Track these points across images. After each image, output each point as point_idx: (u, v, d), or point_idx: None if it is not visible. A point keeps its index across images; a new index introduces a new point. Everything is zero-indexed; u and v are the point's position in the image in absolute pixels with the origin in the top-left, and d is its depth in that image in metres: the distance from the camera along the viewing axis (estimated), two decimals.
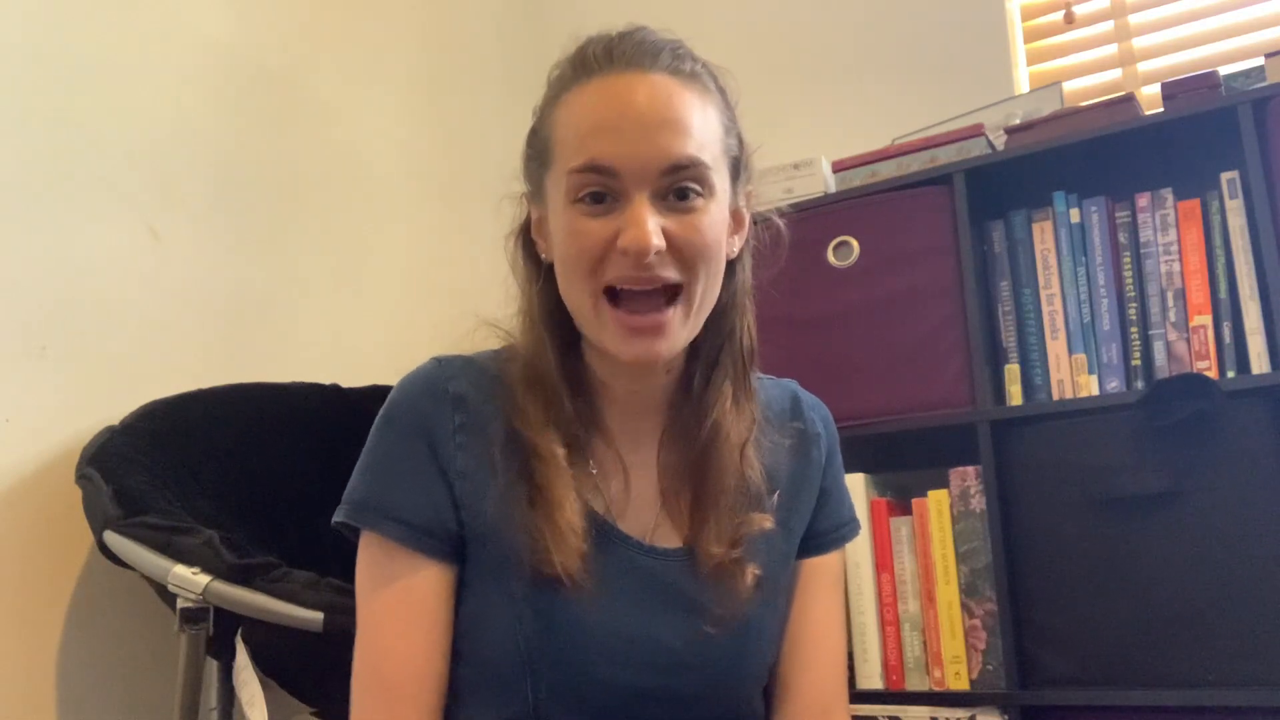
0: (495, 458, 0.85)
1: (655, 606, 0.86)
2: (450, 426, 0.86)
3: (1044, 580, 1.38)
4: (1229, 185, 1.38)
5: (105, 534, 1.29)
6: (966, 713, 1.39)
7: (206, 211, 1.67)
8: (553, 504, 0.82)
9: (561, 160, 0.83)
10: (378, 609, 0.84)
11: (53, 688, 1.37)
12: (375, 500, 0.85)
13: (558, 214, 0.84)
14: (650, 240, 0.79)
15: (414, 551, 0.84)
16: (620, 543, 0.87)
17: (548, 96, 0.88)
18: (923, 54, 2.04)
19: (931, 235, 1.53)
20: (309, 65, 1.89)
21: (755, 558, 0.88)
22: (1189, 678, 1.27)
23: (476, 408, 0.87)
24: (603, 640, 0.83)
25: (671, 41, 0.87)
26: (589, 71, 0.84)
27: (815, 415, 1.00)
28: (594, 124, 0.82)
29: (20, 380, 1.38)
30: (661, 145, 0.81)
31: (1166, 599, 1.30)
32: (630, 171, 0.80)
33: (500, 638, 0.83)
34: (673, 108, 0.82)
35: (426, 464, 0.85)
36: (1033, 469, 1.41)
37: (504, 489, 0.85)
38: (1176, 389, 1.31)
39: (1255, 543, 1.26)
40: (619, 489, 0.89)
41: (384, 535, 0.85)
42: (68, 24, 1.51)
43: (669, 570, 0.87)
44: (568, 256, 0.83)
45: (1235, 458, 1.28)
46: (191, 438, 1.43)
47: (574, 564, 0.81)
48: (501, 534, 0.84)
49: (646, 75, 0.83)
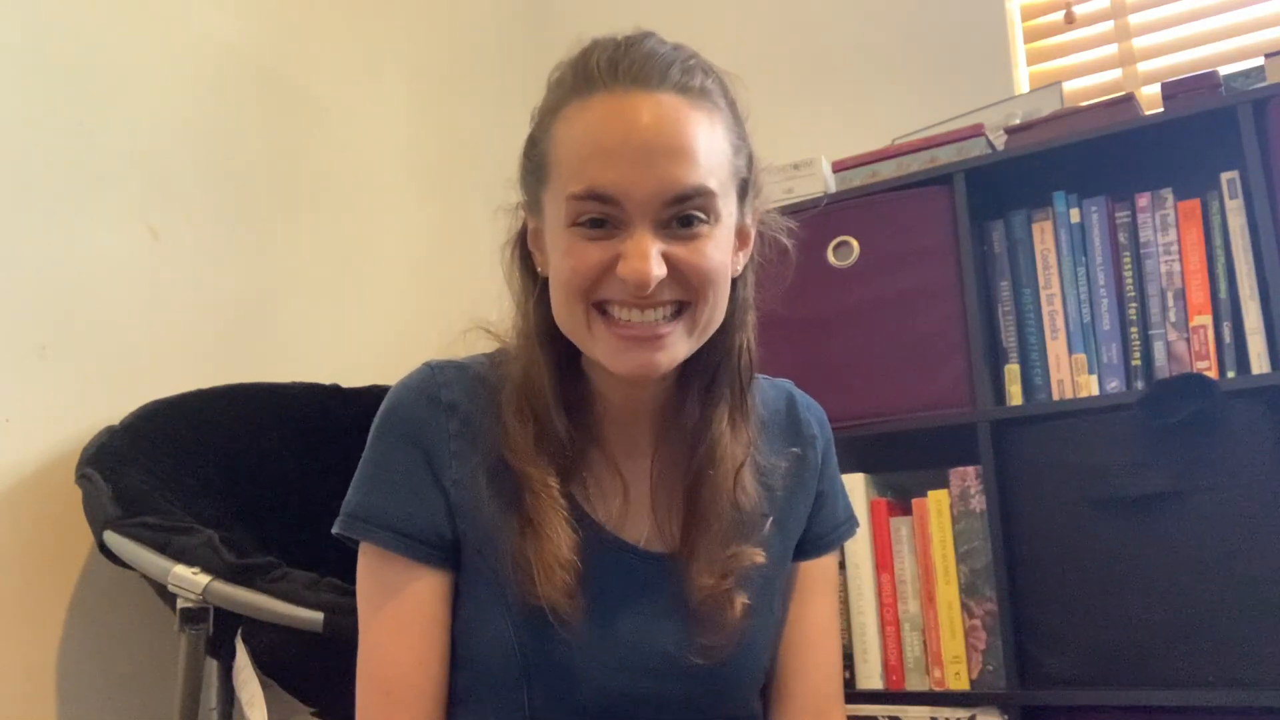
0: (488, 476, 0.85)
1: (650, 611, 0.86)
2: (445, 434, 0.86)
3: (1044, 580, 1.38)
4: (1229, 185, 1.38)
5: (105, 534, 1.29)
6: (966, 713, 1.39)
7: (206, 211, 1.67)
8: (542, 538, 0.81)
9: (560, 181, 0.80)
10: (378, 618, 0.84)
11: (53, 688, 1.37)
12: (371, 511, 0.85)
13: (555, 232, 0.82)
14: (651, 273, 0.77)
15: (411, 560, 0.84)
16: (615, 548, 0.87)
17: (547, 104, 0.85)
18: (923, 54, 2.04)
19: (931, 235, 1.53)
20: (309, 65, 1.89)
21: (746, 587, 0.87)
22: (1189, 678, 1.27)
23: (470, 415, 0.87)
24: (598, 646, 0.83)
25: (682, 53, 0.83)
26: (592, 85, 0.80)
27: (811, 416, 0.99)
28: (595, 147, 0.78)
29: (20, 380, 1.38)
30: (667, 174, 0.77)
31: (1166, 599, 1.30)
32: (633, 200, 0.77)
33: (495, 644, 0.83)
34: (680, 134, 0.78)
35: (422, 472, 0.85)
36: (1033, 469, 1.41)
37: (495, 514, 0.84)
38: (1176, 389, 1.31)
39: (1255, 543, 1.26)
40: (616, 496, 0.89)
41: (381, 545, 0.84)
42: (68, 24, 1.51)
43: (663, 574, 0.87)
44: (563, 276, 0.81)
45: (1235, 458, 1.28)
46: (191, 437, 1.43)
47: (560, 599, 0.80)
48: (495, 551, 0.84)
49: (652, 95, 0.78)
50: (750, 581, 0.88)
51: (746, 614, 0.87)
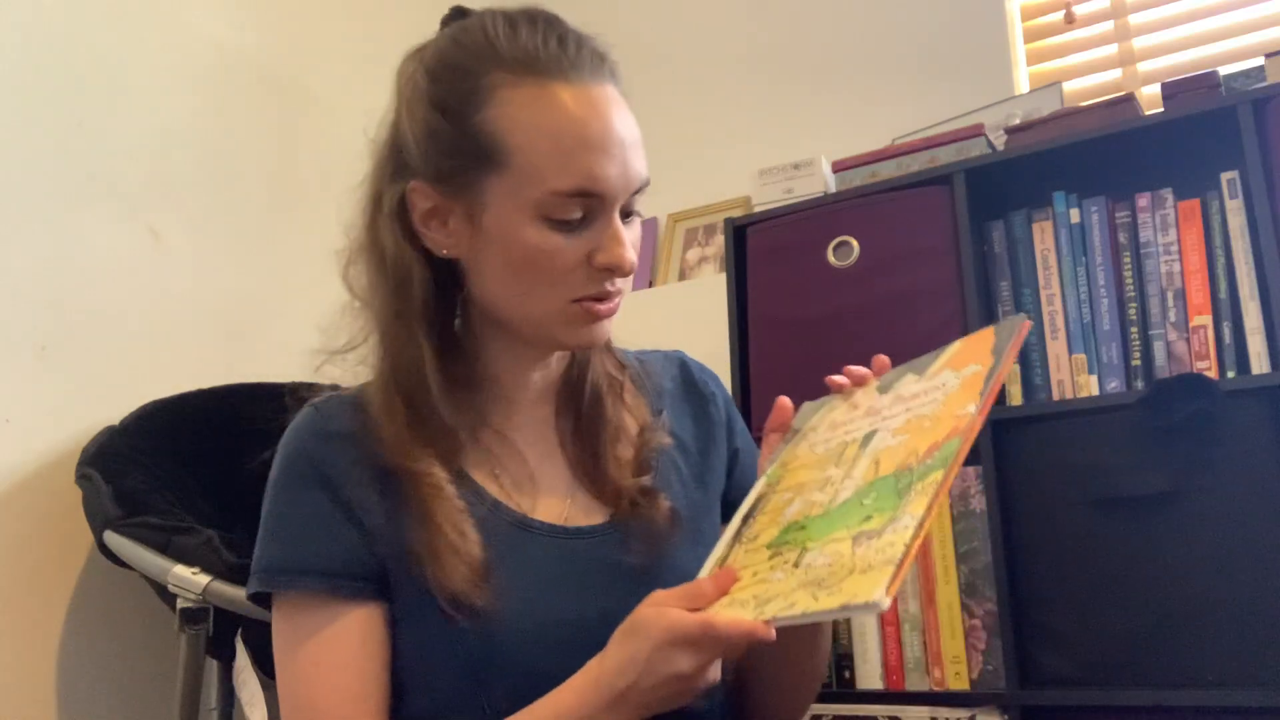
0: (385, 489, 0.82)
1: (587, 586, 0.83)
2: (343, 464, 0.83)
3: (1044, 580, 1.38)
4: (1229, 185, 1.38)
5: (105, 534, 1.29)
6: (966, 713, 1.39)
7: (206, 211, 1.67)
8: (433, 529, 0.79)
9: (531, 173, 0.78)
10: (300, 666, 0.80)
11: (53, 688, 1.38)
12: (285, 561, 0.82)
13: (509, 222, 0.80)
14: (634, 260, 0.81)
15: (336, 599, 0.80)
16: (536, 531, 0.85)
17: (475, 76, 0.80)
18: (923, 54, 2.04)
19: (931, 235, 1.53)
20: (309, 65, 1.89)
21: (667, 489, 0.89)
22: (1189, 678, 1.27)
23: (363, 441, 0.84)
24: (541, 633, 0.81)
25: (599, 42, 0.84)
26: (543, 70, 0.79)
27: (705, 377, 1.01)
28: (579, 143, 0.78)
29: (20, 380, 1.38)
30: (633, 167, 0.80)
31: (1166, 599, 1.30)
32: (612, 195, 0.79)
33: (444, 659, 0.80)
34: (634, 126, 0.82)
35: (329, 509, 0.82)
36: (1033, 469, 1.41)
37: (400, 523, 0.81)
38: (1176, 389, 1.31)
39: (1255, 542, 1.26)
40: (524, 479, 0.87)
41: (301, 591, 0.81)
42: (68, 25, 1.51)
43: (592, 546, 0.85)
44: (531, 271, 0.80)
45: (1235, 458, 1.28)
46: (191, 438, 1.44)
47: (465, 586, 0.78)
48: (416, 560, 0.81)
49: (603, 86, 0.80)
50: (671, 487, 0.89)
51: (675, 519, 0.86)
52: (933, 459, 0.67)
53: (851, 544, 0.66)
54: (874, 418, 0.79)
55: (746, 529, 0.78)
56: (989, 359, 0.74)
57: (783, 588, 0.67)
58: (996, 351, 0.74)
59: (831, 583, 0.64)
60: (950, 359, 0.79)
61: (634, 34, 2.35)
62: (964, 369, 0.75)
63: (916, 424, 0.73)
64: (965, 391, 0.72)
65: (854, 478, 0.73)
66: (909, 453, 0.70)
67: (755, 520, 0.78)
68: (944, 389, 0.74)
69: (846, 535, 0.67)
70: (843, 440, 0.79)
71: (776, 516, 0.76)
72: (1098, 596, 1.33)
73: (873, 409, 0.80)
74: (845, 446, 0.78)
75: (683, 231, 2.26)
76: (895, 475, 0.69)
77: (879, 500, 0.67)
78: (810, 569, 0.67)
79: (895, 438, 0.73)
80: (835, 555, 0.66)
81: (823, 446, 0.81)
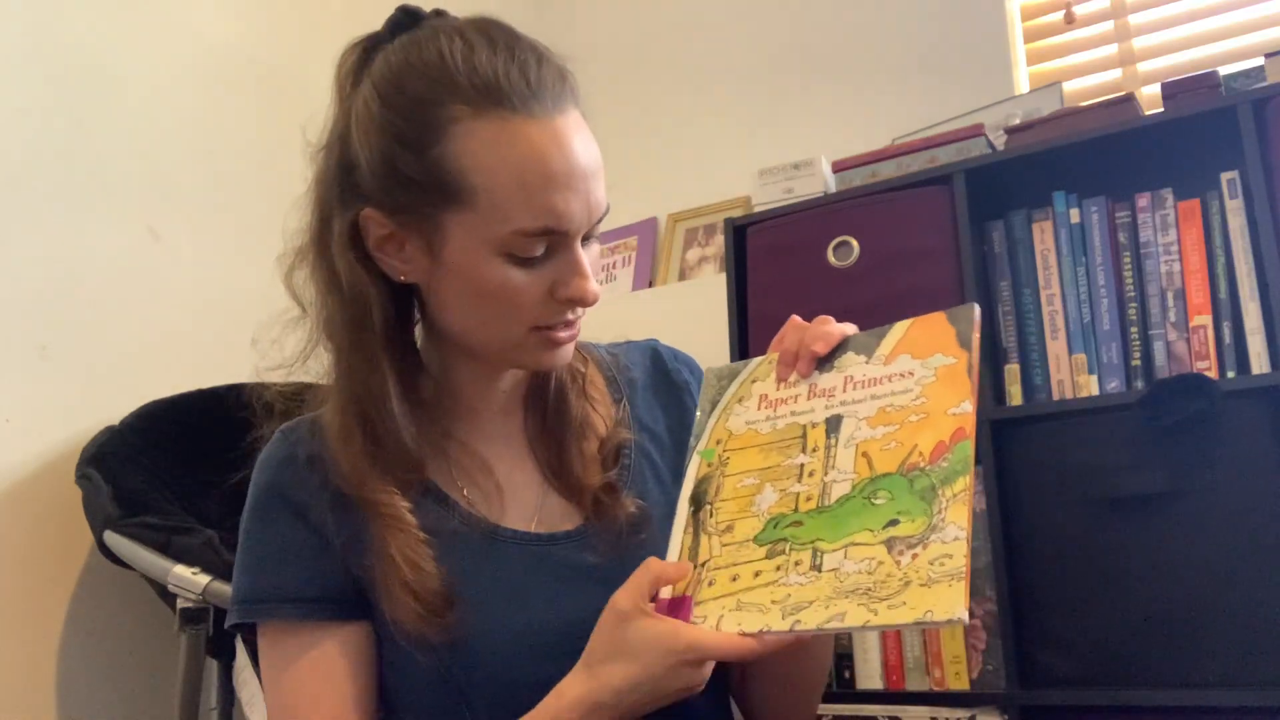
0: (347, 513, 0.82)
1: (562, 590, 0.83)
2: (313, 488, 0.83)
3: (1044, 580, 1.38)
4: (1229, 185, 1.38)
5: (105, 534, 1.29)
6: (966, 713, 1.39)
7: (206, 211, 1.67)
8: (387, 562, 0.79)
9: (495, 211, 0.76)
10: (285, 692, 0.81)
11: (53, 688, 1.38)
12: (263, 591, 0.82)
13: (470, 257, 0.78)
14: (597, 290, 0.80)
15: (316, 624, 0.81)
16: (507, 540, 0.84)
17: (433, 107, 0.77)
18: (923, 54, 2.04)
19: (931, 235, 1.53)
20: (309, 65, 1.89)
21: (640, 485, 0.88)
22: (1189, 678, 1.27)
23: (329, 464, 0.84)
24: (518, 642, 0.81)
25: (553, 55, 0.81)
26: (507, 103, 0.76)
27: (680, 364, 0.99)
28: (545, 181, 0.76)
29: (20, 380, 1.38)
30: (595, 198, 0.79)
31: (1166, 599, 1.30)
32: (574, 228, 0.78)
33: (422, 676, 0.80)
34: (595, 153, 0.79)
35: (303, 535, 0.82)
36: (1033, 469, 1.41)
37: (358, 543, 0.81)
38: (1176, 389, 1.30)
39: (1255, 543, 1.26)
40: (492, 490, 0.87)
41: (282, 619, 0.81)
42: (68, 24, 1.51)
43: (563, 550, 0.85)
44: (493, 304, 0.79)
45: (1235, 458, 1.28)
46: (191, 438, 1.44)
47: (417, 623, 0.78)
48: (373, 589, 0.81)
49: (567, 114, 0.78)
50: (640, 485, 0.88)
51: (642, 519, 0.85)
52: (948, 462, 0.66)
53: (887, 550, 0.64)
54: (827, 399, 0.75)
55: (708, 517, 0.75)
56: (958, 351, 0.72)
57: (813, 594, 0.65)
58: (965, 344, 0.72)
59: (886, 594, 0.62)
60: (903, 343, 0.75)
61: (634, 34, 2.35)
62: (930, 358, 0.72)
63: (897, 416, 0.70)
64: (947, 386, 0.70)
65: (842, 470, 0.70)
66: (909, 450, 0.68)
67: (716, 507, 0.75)
68: (916, 379, 0.72)
69: (873, 539, 0.65)
70: (793, 422, 0.76)
71: (746, 505, 0.73)
72: (1098, 596, 1.33)
73: (820, 389, 0.76)
74: (804, 430, 0.75)
75: (683, 231, 2.26)
76: (905, 475, 0.67)
77: (897, 501, 0.66)
78: (844, 575, 0.65)
79: (875, 429, 0.71)
80: (872, 562, 0.64)
81: (767, 425, 0.77)
